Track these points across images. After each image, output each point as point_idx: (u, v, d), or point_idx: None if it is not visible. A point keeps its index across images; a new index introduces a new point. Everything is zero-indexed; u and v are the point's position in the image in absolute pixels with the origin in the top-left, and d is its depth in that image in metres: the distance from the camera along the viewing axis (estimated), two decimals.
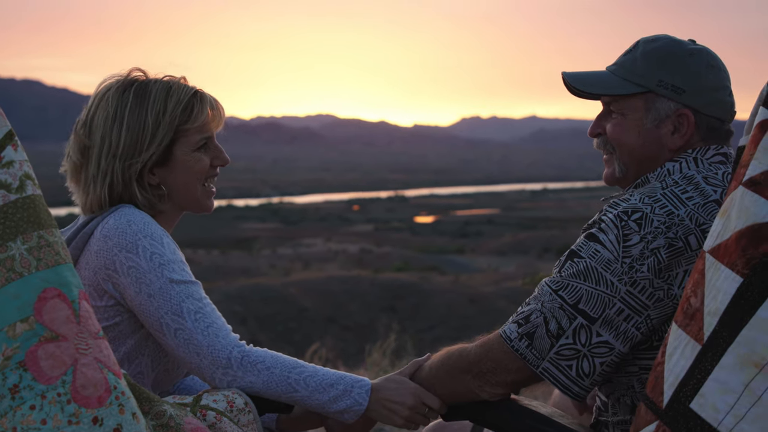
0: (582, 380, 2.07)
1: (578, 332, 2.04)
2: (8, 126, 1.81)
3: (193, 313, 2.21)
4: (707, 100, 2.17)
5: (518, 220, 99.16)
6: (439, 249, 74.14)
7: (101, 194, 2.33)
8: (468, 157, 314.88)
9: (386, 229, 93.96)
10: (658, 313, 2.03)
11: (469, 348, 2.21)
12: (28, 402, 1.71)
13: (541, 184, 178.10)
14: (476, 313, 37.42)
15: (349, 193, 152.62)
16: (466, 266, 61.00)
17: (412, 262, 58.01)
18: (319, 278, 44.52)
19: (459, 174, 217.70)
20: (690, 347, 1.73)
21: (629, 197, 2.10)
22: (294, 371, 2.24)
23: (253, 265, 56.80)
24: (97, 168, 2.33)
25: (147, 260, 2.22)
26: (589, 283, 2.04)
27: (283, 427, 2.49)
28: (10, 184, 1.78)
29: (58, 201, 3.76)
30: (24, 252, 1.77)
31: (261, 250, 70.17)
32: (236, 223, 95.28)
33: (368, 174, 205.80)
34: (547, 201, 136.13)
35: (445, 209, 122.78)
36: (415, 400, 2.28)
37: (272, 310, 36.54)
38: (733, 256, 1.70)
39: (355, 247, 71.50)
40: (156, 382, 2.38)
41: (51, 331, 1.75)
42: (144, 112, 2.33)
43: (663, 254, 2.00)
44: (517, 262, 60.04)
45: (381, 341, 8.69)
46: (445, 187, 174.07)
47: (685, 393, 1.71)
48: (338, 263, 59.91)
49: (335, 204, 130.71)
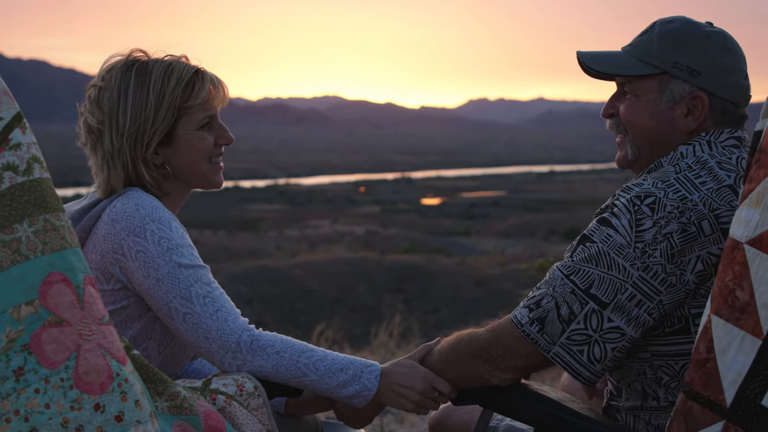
0: (593, 365, 2.05)
1: (589, 317, 2.03)
2: (17, 108, 1.80)
3: (201, 298, 2.20)
4: (722, 83, 2.15)
5: (525, 202, 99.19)
6: (446, 231, 74.22)
7: (117, 174, 2.32)
8: (475, 138, 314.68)
9: (393, 210, 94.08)
10: (670, 299, 2.01)
11: (480, 332, 2.20)
12: (32, 385, 1.71)
13: (548, 167, 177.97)
14: (482, 295, 37.50)
15: (356, 175, 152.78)
16: (473, 248, 61.08)
17: (419, 244, 58.07)
18: (325, 260, 44.62)
19: (466, 156, 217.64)
20: (748, 342, 1.69)
21: (642, 182, 2.08)
22: (303, 355, 2.23)
23: (260, 247, 56.96)
24: (111, 148, 2.32)
25: (155, 244, 2.21)
26: (600, 268, 2.02)
27: (292, 411, 2.49)
28: (17, 167, 1.77)
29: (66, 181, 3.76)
30: (30, 235, 1.76)
31: (267, 231, 70.31)
32: (243, 204, 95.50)
33: (375, 156, 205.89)
34: (554, 183, 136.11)
35: (452, 191, 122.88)
36: (425, 385, 2.27)
37: (278, 291, 36.64)
38: None
39: (361, 229, 71.64)
40: (163, 365, 2.37)
41: (55, 316, 1.75)
42: (146, 92, 2.31)
43: (676, 239, 1.99)
44: (523, 245, 60.08)
45: (387, 323, 8.71)
46: (452, 169, 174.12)
47: (752, 390, 1.67)
48: (345, 245, 60.03)
49: (342, 185, 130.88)
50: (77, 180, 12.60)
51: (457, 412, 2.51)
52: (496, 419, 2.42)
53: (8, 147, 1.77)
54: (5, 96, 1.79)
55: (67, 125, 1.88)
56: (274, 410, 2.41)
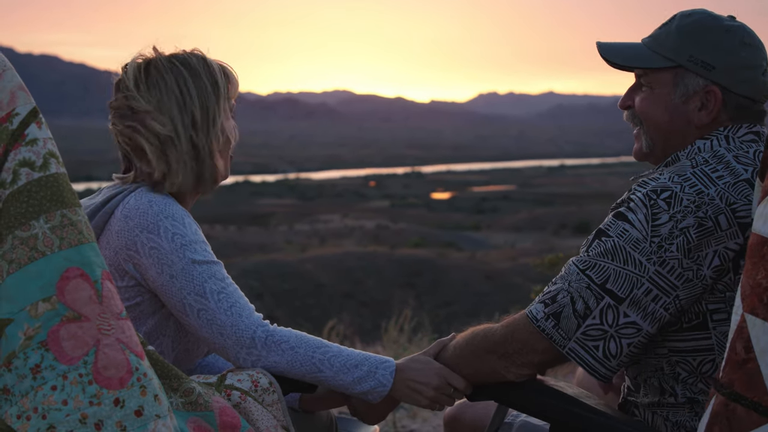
0: (609, 361, 2.04)
1: (605, 312, 2.02)
2: (32, 103, 1.80)
3: (216, 293, 2.20)
4: (738, 78, 2.13)
5: (534, 197, 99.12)
6: (456, 225, 74.20)
7: (192, 172, 2.34)
8: (485, 133, 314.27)
9: (402, 205, 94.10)
10: (686, 294, 2.00)
11: (495, 328, 2.19)
12: (49, 382, 1.71)
13: (559, 161, 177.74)
14: (492, 289, 37.51)
15: (366, 169, 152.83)
16: (483, 242, 61.08)
17: (429, 239, 58.10)
18: (335, 254, 44.68)
19: (475, 150, 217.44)
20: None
21: (658, 176, 2.07)
22: (318, 351, 2.22)
23: (270, 241, 57.04)
24: (189, 146, 2.32)
25: (169, 241, 2.20)
26: (616, 262, 2.01)
27: (306, 407, 2.49)
28: (33, 162, 1.76)
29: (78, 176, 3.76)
30: (47, 231, 1.75)
31: (277, 225, 70.40)
32: (253, 198, 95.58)
33: (385, 150, 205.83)
34: (564, 177, 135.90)
35: (462, 185, 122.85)
36: (440, 381, 2.26)
37: (289, 285, 36.69)
38: None
39: (371, 223, 71.65)
40: (176, 361, 2.37)
41: (73, 311, 1.74)
42: (201, 80, 2.34)
43: (692, 234, 1.97)
44: (533, 239, 60.04)
45: (397, 318, 8.72)
46: (462, 164, 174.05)
47: None
48: (355, 239, 60.08)
49: (352, 180, 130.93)
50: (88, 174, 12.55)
51: (472, 408, 2.51)
52: (511, 415, 2.41)
53: (25, 143, 1.77)
54: (21, 91, 1.79)
55: (78, 120, 1.87)
56: (288, 406, 2.41)
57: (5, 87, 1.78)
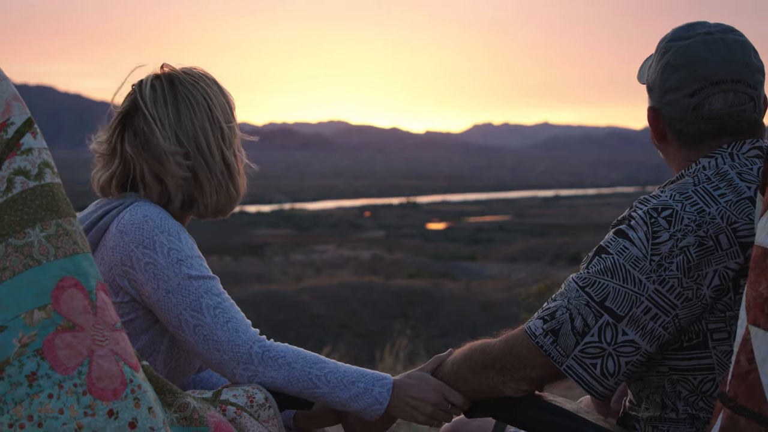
0: (606, 379, 2.03)
1: (604, 330, 2.00)
2: (27, 113, 1.80)
3: (212, 309, 2.18)
4: (663, 100, 2.13)
5: (530, 227, 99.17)
6: (451, 255, 74.13)
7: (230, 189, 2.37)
8: (480, 163, 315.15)
9: (398, 235, 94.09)
10: (686, 313, 1.99)
11: (493, 343, 2.18)
12: (46, 390, 1.70)
13: (554, 191, 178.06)
14: (488, 320, 37.40)
15: (361, 200, 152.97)
16: (478, 273, 60.99)
17: (424, 269, 58.00)
18: (331, 285, 44.61)
19: (471, 180, 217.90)
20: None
21: (660, 194, 2.06)
22: (315, 367, 2.21)
23: (266, 271, 56.92)
24: (222, 164, 2.34)
25: (165, 256, 2.19)
26: (616, 280, 2.00)
27: (301, 425, 2.46)
28: (29, 171, 1.77)
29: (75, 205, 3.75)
30: (43, 239, 1.75)
31: (273, 256, 70.30)
32: (248, 228, 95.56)
33: (380, 180, 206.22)
34: (559, 208, 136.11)
35: (457, 216, 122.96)
36: (437, 397, 2.24)
37: (285, 316, 36.58)
38: None
39: (366, 254, 71.58)
40: (168, 378, 2.35)
41: (68, 321, 1.74)
42: (225, 98, 2.36)
43: (693, 253, 1.96)
44: (529, 269, 60.01)
45: (393, 344, 8.70)
46: (457, 194, 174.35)
47: None
48: (350, 269, 59.99)
49: (347, 210, 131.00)
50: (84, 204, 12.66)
51: (469, 425, 2.49)
52: (508, 431, 2.40)
53: (20, 152, 1.77)
54: (16, 101, 1.79)
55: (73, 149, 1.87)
56: (283, 424, 2.39)
57: (1, 96, 1.78)
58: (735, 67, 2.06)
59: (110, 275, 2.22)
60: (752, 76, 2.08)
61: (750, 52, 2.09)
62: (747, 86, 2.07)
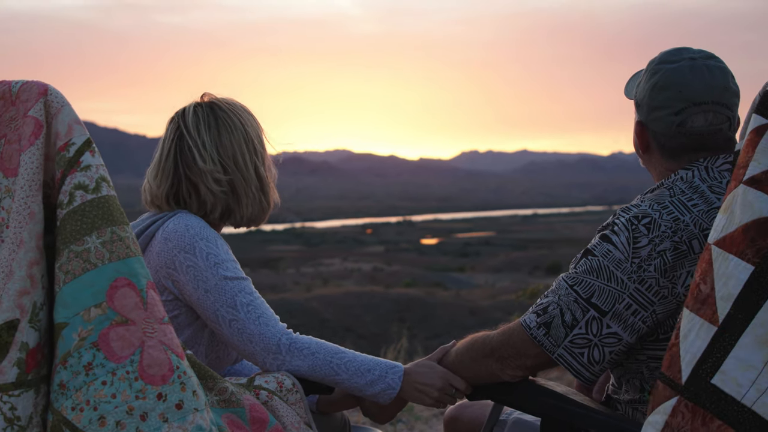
0: (592, 366, 2.03)
1: (590, 323, 2.00)
2: (87, 135, 1.81)
3: (245, 306, 2.18)
4: (650, 116, 2.12)
5: (512, 242, 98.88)
6: (443, 267, 73.90)
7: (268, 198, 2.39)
8: (467, 186, 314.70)
9: (396, 249, 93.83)
10: (662, 309, 1.99)
11: (492, 335, 2.18)
12: (100, 378, 1.70)
13: (532, 210, 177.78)
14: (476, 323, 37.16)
15: (363, 219, 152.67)
16: (467, 282, 60.81)
17: (419, 279, 57.85)
18: (337, 293, 44.48)
19: (459, 201, 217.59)
20: (705, 329, 1.69)
21: (640, 203, 2.06)
22: (336, 356, 2.20)
23: (279, 282, 56.75)
24: (257, 180, 2.35)
25: (204, 260, 2.19)
26: (601, 279, 2.00)
27: (323, 409, 2.46)
28: (87, 185, 1.77)
29: None
30: (98, 245, 1.75)
31: (286, 268, 70.11)
32: (264, 245, 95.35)
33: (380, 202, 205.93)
34: (537, 225, 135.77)
35: (448, 232, 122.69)
36: (443, 383, 2.24)
37: (297, 321, 36.44)
38: (742, 246, 1.67)
39: (368, 266, 71.39)
40: (209, 367, 2.35)
41: (121, 316, 1.74)
42: (256, 123, 2.38)
43: (669, 256, 1.96)
44: (510, 279, 59.82)
45: (394, 345, 8.68)
46: (448, 213, 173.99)
47: (704, 370, 1.67)
48: (354, 280, 59.82)
49: (351, 228, 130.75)
50: None
51: (470, 408, 2.48)
52: (505, 413, 2.39)
53: (80, 168, 1.77)
54: (77, 125, 1.80)
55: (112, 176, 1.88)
56: None
57: (64, 120, 1.79)
58: (716, 90, 2.06)
59: (156, 276, 2.23)
60: (730, 100, 2.08)
61: (729, 78, 2.09)
62: (725, 108, 2.07)
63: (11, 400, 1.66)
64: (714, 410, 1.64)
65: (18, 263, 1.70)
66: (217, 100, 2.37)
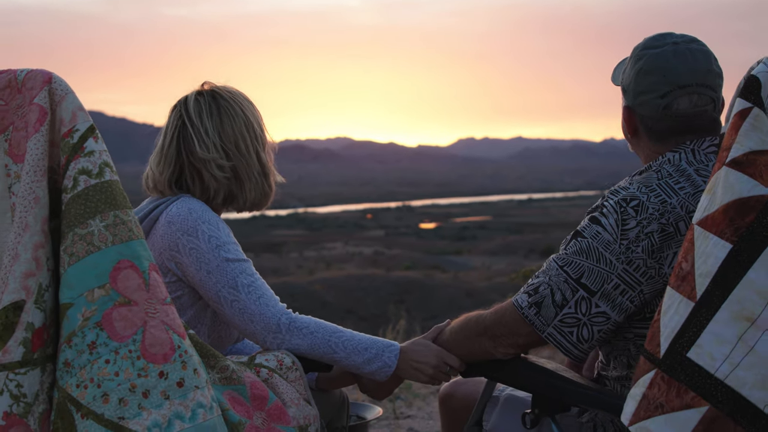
0: (581, 344, 2.03)
1: (580, 303, 2.00)
2: (90, 121, 1.80)
3: (246, 287, 2.18)
4: (637, 101, 2.11)
5: (507, 226, 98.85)
6: (441, 251, 73.90)
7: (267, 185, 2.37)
8: (464, 172, 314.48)
9: (395, 234, 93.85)
10: (650, 289, 1.98)
11: (485, 314, 2.18)
12: (103, 357, 1.70)
13: (527, 195, 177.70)
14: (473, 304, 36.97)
15: (364, 204, 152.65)
16: (464, 265, 60.81)
17: (418, 262, 57.86)
18: (339, 276, 44.48)
19: (457, 187, 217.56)
20: (683, 305, 1.70)
21: (628, 186, 2.05)
22: (334, 335, 2.21)
23: (283, 266, 56.74)
24: (258, 164, 2.34)
25: (206, 242, 2.19)
26: (590, 260, 1.99)
27: (322, 386, 2.46)
28: (90, 171, 1.77)
29: None
30: (102, 228, 1.75)
31: (289, 253, 70.09)
32: (267, 230, 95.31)
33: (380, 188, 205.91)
34: (532, 209, 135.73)
35: (446, 217, 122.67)
36: (438, 360, 2.25)
37: (299, 304, 36.15)
38: (721, 225, 1.68)
39: (369, 250, 71.40)
40: (211, 346, 2.35)
41: (124, 297, 1.74)
42: (255, 110, 2.37)
43: (656, 237, 1.96)
44: (506, 261, 59.83)
45: (393, 325, 8.70)
46: (445, 198, 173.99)
47: (681, 344, 1.69)
48: (355, 263, 59.81)
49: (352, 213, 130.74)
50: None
51: (464, 385, 2.48)
52: (498, 390, 2.39)
53: (83, 154, 1.77)
54: (80, 111, 1.79)
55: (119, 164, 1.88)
56: None
57: (68, 107, 1.78)
58: (699, 73, 2.05)
59: (160, 258, 2.22)
60: (713, 81, 2.07)
61: (711, 60, 2.08)
62: (709, 89, 2.06)
63: (17, 378, 1.67)
64: (688, 382, 1.66)
65: (23, 246, 1.70)
66: (218, 88, 2.36)
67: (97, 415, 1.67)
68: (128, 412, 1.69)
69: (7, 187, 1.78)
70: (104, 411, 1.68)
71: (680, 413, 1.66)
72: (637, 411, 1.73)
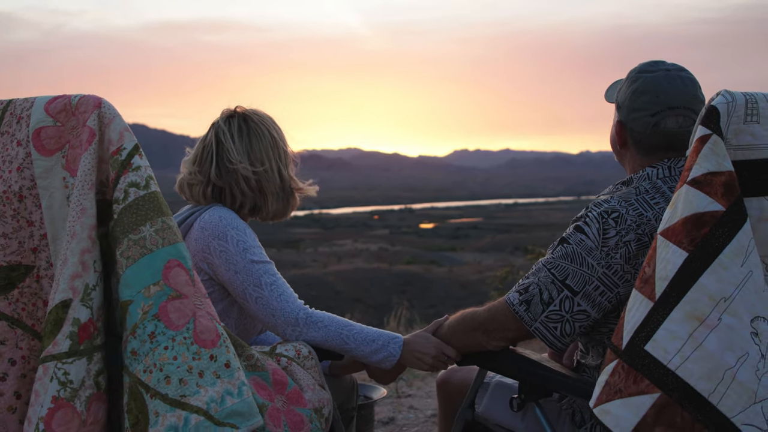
0: (564, 338, 2.02)
1: (564, 302, 1.99)
2: (135, 140, 1.80)
3: (269, 285, 2.18)
4: (630, 117, 2.10)
5: (496, 226, 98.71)
6: (438, 248, 73.87)
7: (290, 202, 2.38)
8: (459, 179, 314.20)
9: (398, 233, 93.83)
10: (625, 291, 1.98)
11: (479, 311, 2.17)
12: (162, 344, 1.70)
13: (513, 200, 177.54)
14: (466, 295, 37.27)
15: (371, 207, 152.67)
16: (458, 260, 60.77)
17: (418, 258, 57.87)
18: (349, 269, 44.55)
19: (452, 192, 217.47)
20: (644, 304, 1.71)
21: (610, 199, 2.04)
22: (345, 329, 2.20)
23: (300, 260, 56.81)
24: (280, 182, 2.34)
25: (234, 246, 2.19)
26: (574, 264, 1.99)
27: (334, 372, 2.46)
28: (139, 183, 1.77)
29: None
30: (152, 233, 1.75)
31: (306, 248, 70.17)
32: (287, 228, 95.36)
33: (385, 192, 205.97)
34: (518, 212, 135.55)
35: (442, 218, 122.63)
36: (437, 351, 2.24)
37: (315, 293, 36.49)
38: (680, 236, 1.69)
39: (375, 246, 71.41)
40: (238, 336, 2.34)
41: (176, 291, 1.74)
42: (281, 132, 2.36)
43: (633, 246, 1.95)
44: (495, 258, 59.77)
45: (395, 314, 8.69)
46: (442, 202, 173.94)
47: (640, 338, 1.70)
48: (363, 258, 59.85)
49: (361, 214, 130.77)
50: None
51: (459, 372, 2.48)
52: (489, 376, 2.39)
53: (131, 169, 1.77)
54: (126, 132, 1.80)
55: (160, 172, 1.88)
56: None
57: (116, 128, 1.79)
58: (686, 97, 2.05)
59: (194, 260, 2.23)
60: (697, 106, 2.06)
61: (697, 88, 2.08)
62: (693, 113, 2.05)
63: (64, 367, 1.67)
64: (644, 372, 1.67)
65: (71, 252, 1.71)
66: (248, 111, 2.36)
67: (162, 395, 1.68)
68: (188, 390, 1.70)
69: (65, 198, 1.79)
70: (168, 391, 1.68)
71: (636, 398, 1.67)
72: (600, 395, 1.74)
